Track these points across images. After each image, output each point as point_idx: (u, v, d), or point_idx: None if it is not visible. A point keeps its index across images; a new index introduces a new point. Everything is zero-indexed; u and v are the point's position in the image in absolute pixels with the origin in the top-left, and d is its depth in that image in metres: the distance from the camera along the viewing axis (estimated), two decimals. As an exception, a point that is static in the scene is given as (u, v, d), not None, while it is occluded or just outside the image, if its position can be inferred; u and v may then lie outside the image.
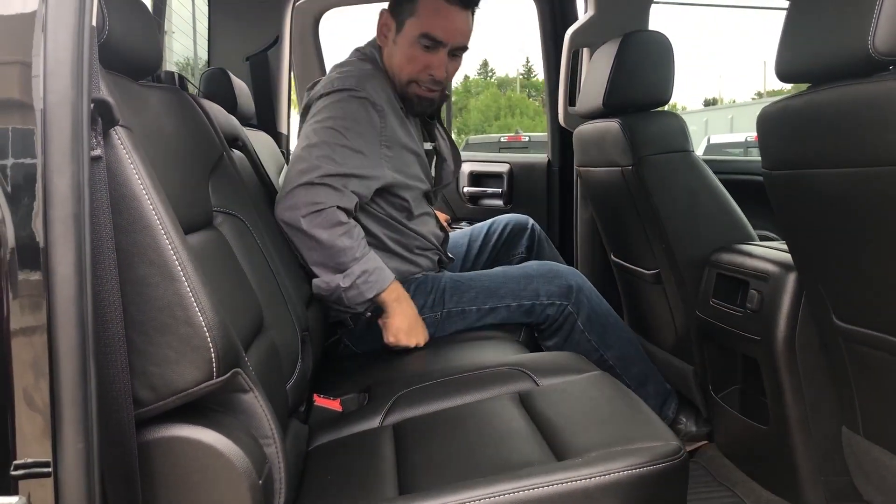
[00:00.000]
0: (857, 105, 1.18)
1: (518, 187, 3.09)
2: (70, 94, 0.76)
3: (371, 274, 1.77)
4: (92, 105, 0.80)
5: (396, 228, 1.99)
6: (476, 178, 3.21)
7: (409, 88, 1.95)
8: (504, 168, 3.11)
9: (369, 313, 1.82)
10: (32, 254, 0.77)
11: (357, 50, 2.05)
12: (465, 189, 3.20)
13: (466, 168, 3.16)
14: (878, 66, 1.14)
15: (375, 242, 1.96)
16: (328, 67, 2.60)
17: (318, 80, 2.08)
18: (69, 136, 0.76)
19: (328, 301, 1.81)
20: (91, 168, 0.79)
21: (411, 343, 1.81)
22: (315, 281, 1.78)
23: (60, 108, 0.76)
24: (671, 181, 2.01)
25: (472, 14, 1.95)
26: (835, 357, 1.50)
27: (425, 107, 2.01)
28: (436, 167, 2.19)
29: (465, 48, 1.96)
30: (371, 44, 2.02)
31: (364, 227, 1.92)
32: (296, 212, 1.74)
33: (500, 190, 3.12)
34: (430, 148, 2.18)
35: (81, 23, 0.77)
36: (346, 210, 1.77)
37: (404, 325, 1.81)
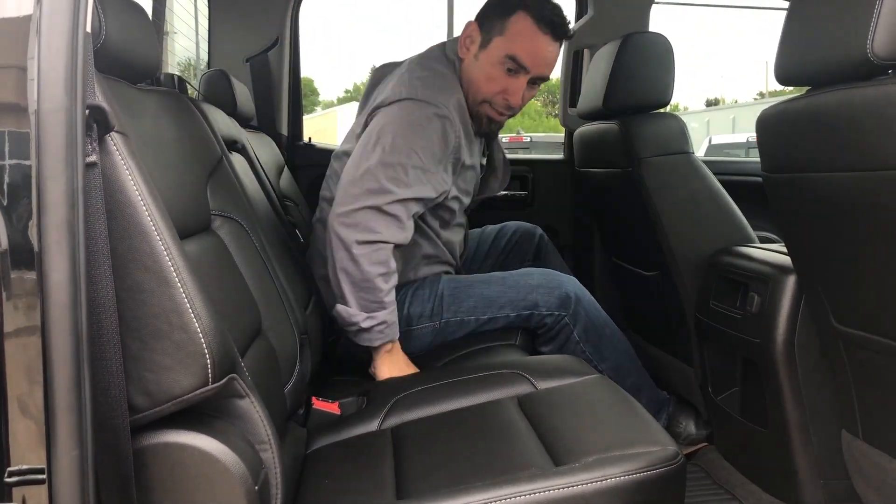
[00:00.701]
0: (857, 109, 1.18)
1: (538, 189, 2.93)
2: (64, 100, 0.76)
3: (388, 326, 1.76)
4: (87, 111, 0.80)
5: (430, 238, 1.97)
6: None
7: (481, 107, 1.90)
8: (522, 169, 2.94)
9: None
10: (27, 259, 0.77)
11: (441, 51, 1.96)
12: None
13: None
14: (877, 69, 1.14)
15: (405, 250, 1.90)
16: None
17: (390, 64, 2.04)
18: (63, 143, 0.76)
19: (337, 325, 1.79)
20: (86, 174, 0.79)
21: None
22: (338, 307, 1.75)
23: (54, 115, 0.76)
24: (671, 183, 2.00)
25: (561, 45, 1.89)
26: (834, 360, 1.50)
27: (493, 129, 2.00)
28: (483, 177, 2.16)
29: (546, 79, 1.91)
30: (452, 48, 1.94)
31: None
32: (353, 233, 1.69)
33: (518, 192, 2.91)
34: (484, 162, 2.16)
35: (76, 28, 0.77)
36: (399, 247, 1.75)
37: (394, 373, 1.79)
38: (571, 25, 1.91)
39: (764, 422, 1.73)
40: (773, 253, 1.75)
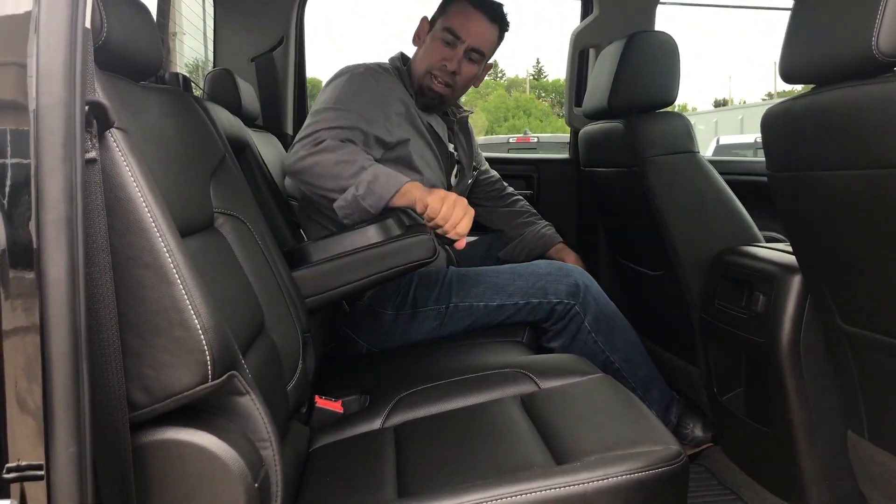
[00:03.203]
0: (862, 106, 1.17)
1: (543, 188, 2.89)
2: (63, 95, 0.76)
3: (381, 177, 1.76)
4: (87, 107, 0.80)
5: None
6: None
7: (424, 80, 2.07)
8: (527, 169, 2.93)
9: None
10: (25, 256, 0.77)
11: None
12: None
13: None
14: (883, 66, 1.13)
15: None
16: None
17: None
18: (62, 139, 0.76)
19: (353, 218, 1.79)
20: (86, 170, 0.79)
21: (450, 211, 1.67)
22: (337, 202, 1.77)
23: (53, 111, 0.75)
24: (676, 182, 1.99)
25: (499, 31, 2.12)
26: (839, 360, 1.49)
27: (434, 99, 2.09)
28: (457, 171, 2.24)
29: (481, 53, 2.09)
30: (394, 57, 2.18)
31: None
32: (298, 158, 1.79)
33: (523, 192, 2.78)
34: (452, 151, 2.22)
35: (74, 24, 0.77)
36: (343, 139, 1.83)
37: (436, 195, 1.70)
38: (576, 26, 1.95)
39: (769, 422, 1.72)
40: (778, 252, 1.74)
